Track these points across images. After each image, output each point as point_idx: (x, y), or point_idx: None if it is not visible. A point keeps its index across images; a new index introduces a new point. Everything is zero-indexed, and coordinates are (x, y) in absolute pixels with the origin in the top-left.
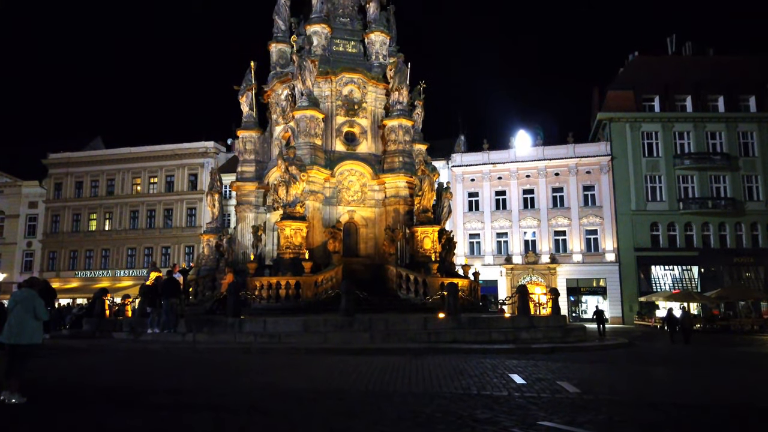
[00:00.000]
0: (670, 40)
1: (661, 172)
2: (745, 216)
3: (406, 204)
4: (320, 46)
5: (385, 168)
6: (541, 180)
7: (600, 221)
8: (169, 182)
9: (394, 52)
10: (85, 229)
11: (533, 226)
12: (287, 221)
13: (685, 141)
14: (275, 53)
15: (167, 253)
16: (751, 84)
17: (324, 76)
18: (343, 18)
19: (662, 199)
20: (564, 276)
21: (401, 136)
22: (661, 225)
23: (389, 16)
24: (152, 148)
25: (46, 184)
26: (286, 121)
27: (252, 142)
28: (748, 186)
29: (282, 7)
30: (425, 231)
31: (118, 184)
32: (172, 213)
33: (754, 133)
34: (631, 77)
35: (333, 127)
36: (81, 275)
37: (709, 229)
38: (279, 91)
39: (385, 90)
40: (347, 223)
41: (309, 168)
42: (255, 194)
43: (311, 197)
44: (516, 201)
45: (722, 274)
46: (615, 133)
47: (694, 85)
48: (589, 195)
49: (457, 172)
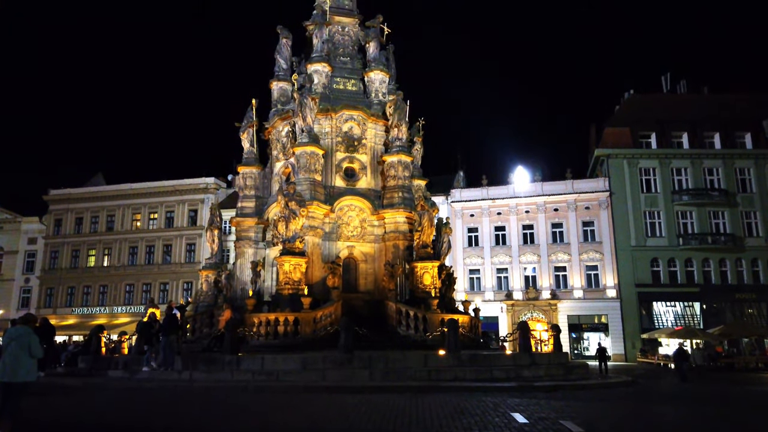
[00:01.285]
0: (664, 78)
1: (660, 208)
2: (745, 252)
3: (405, 239)
4: (321, 84)
5: (385, 203)
6: (541, 215)
7: (600, 257)
8: (169, 218)
9: (394, 90)
10: (84, 265)
11: (533, 262)
12: (286, 257)
13: (683, 177)
14: (276, 91)
15: (165, 289)
16: (747, 121)
17: (324, 113)
18: (343, 57)
19: (662, 235)
20: (565, 312)
21: (400, 171)
22: (661, 261)
23: (388, 55)
24: (153, 184)
25: (46, 220)
26: (287, 157)
27: (252, 178)
28: (747, 222)
29: (283, 46)
30: (425, 266)
31: (117, 220)
32: (171, 249)
33: (751, 170)
34: (628, 114)
35: (333, 163)
36: (78, 312)
37: (710, 265)
38: (280, 128)
39: (385, 127)
40: (347, 258)
41: (309, 203)
42: (254, 230)
43: (311, 233)
44: (516, 236)
45: (724, 310)
46: (613, 169)
47: (690, 122)
48: (588, 230)
49: (457, 208)
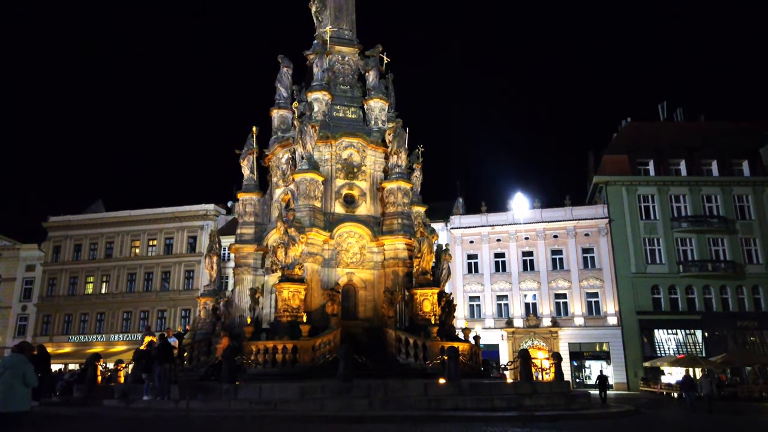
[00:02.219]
0: (661, 106)
1: (659, 235)
2: (746, 279)
3: (405, 266)
4: (321, 112)
5: (384, 230)
6: (540, 242)
7: (600, 284)
8: (168, 245)
9: (393, 118)
10: (82, 293)
11: (533, 289)
12: (285, 283)
13: (681, 204)
14: (277, 119)
15: (163, 316)
16: (744, 149)
17: (324, 140)
18: (343, 86)
19: (662, 262)
20: (566, 340)
21: (400, 198)
22: (662, 288)
23: (388, 84)
24: (152, 210)
25: (44, 247)
26: (287, 184)
27: (252, 205)
28: (746, 249)
29: (284, 75)
30: (424, 293)
31: (116, 247)
32: (170, 276)
33: (749, 197)
34: (625, 142)
35: (332, 190)
36: (74, 340)
37: (711, 293)
38: (280, 155)
39: (384, 154)
40: (346, 285)
41: (308, 230)
42: (254, 256)
43: (310, 259)
44: (515, 263)
45: (726, 338)
46: (612, 196)
47: (688, 150)
48: (588, 257)
49: (456, 234)
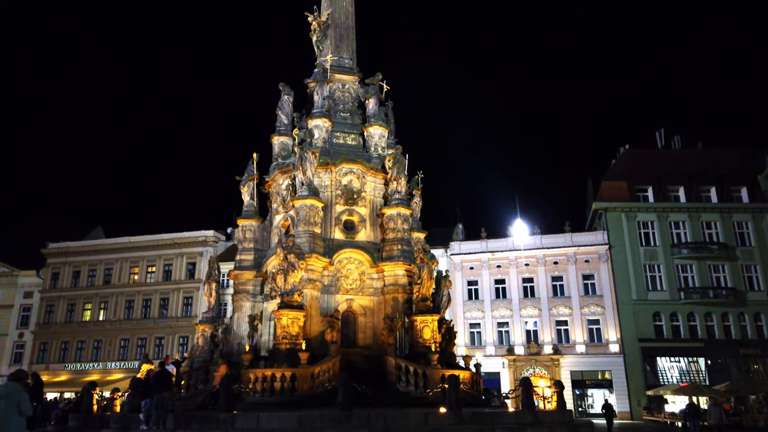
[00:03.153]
0: (659, 133)
1: (660, 261)
2: (748, 306)
3: (405, 292)
4: (321, 138)
5: (384, 256)
6: (541, 269)
7: (601, 311)
8: (167, 271)
9: (393, 144)
10: (79, 320)
11: (534, 316)
12: (284, 310)
13: (681, 231)
14: (277, 145)
15: (161, 344)
16: (742, 175)
17: (324, 166)
18: (343, 113)
19: (663, 289)
20: (568, 368)
21: (400, 224)
22: (663, 315)
23: (387, 111)
24: (152, 237)
25: (43, 274)
26: (286, 210)
27: (252, 231)
28: (747, 276)
29: (285, 102)
30: (425, 320)
31: (115, 274)
32: (168, 302)
33: (749, 223)
34: (624, 169)
35: (332, 216)
36: (71, 368)
37: (713, 320)
38: (280, 181)
39: (384, 180)
40: (345, 312)
41: (308, 256)
42: (253, 283)
43: (309, 285)
44: (516, 290)
45: (729, 366)
46: (611, 223)
47: (686, 177)
48: (588, 284)
49: (456, 261)
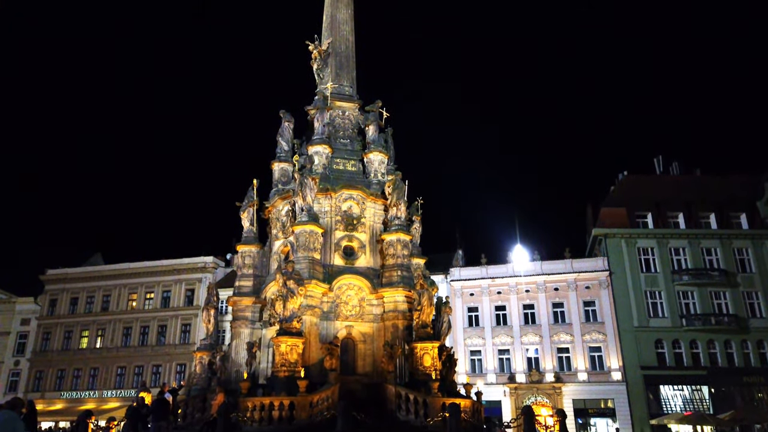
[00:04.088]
0: (657, 160)
1: (661, 288)
2: (750, 333)
3: (404, 319)
4: (321, 164)
5: (384, 282)
6: (541, 295)
7: (603, 338)
8: (166, 298)
9: (392, 171)
10: (76, 347)
11: (535, 343)
12: (283, 337)
13: (681, 257)
14: (277, 171)
15: (158, 372)
16: (741, 202)
17: (324, 192)
18: (343, 139)
19: (664, 315)
20: (570, 396)
21: (399, 250)
22: (665, 342)
23: (387, 137)
24: (150, 263)
25: (41, 300)
26: (286, 236)
27: (251, 257)
28: (749, 302)
29: (285, 129)
30: (425, 347)
31: (113, 300)
32: (166, 330)
33: (749, 250)
34: (623, 195)
35: (332, 242)
36: (67, 396)
37: (715, 347)
38: (280, 207)
39: (384, 206)
40: (345, 338)
41: (307, 282)
42: (251, 309)
43: (308, 312)
44: (516, 316)
45: (733, 394)
46: (611, 249)
47: (685, 203)
48: (589, 310)
49: (456, 287)
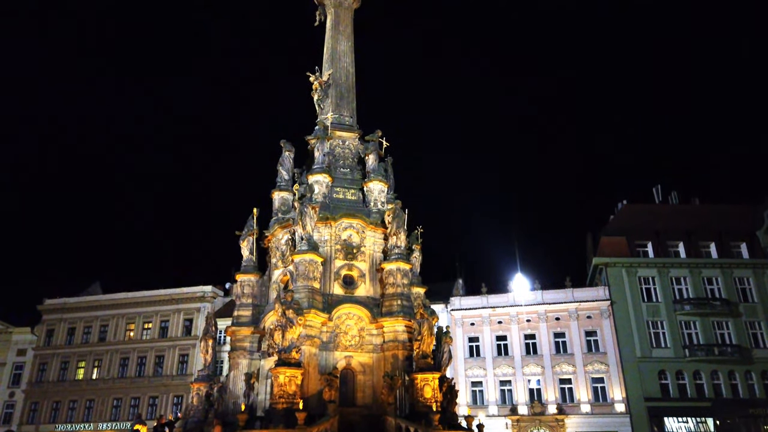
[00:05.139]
0: (656, 189)
1: (663, 318)
2: (755, 364)
3: (405, 349)
4: (321, 193)
5: (384, 311)
6: (542, 325)
7: (605, 368)
8: (164, 327)
9: (392, 199)
10: (72, 378)
11: (537, 374)
12: (282, 368)
13: (683, 286)
14: (278, 200)
15: (155, 403)
16: (741, 231)
17: (324, 221)
18: (343, 168)
19: (667, 346)
20: (573, 428)
21: (399, 279)
22: (669, 373)
23: (387, 166)
24: (149, 292)
25: (37, 331)
26: (285, 265)
27: (250, 286)
28: (752, 332)
29: (286, 159)
30: (425, 378)
31: (111, 330)
32: (164, 360)
33: (750, 279)
34: (623, 224)
35: (332, 271)
36: (62, 428)
37: (719, 378)
38: (280, 236)
39: (384, 234)
40: (344, 369)
41: (306, 311)
42: (250, 339)
43: (307, 342)
44: (518, 346)
45: (739, 426)
46: (612, 278)
47: (685, 232)
48: (591, 340)
49: (457, 316)
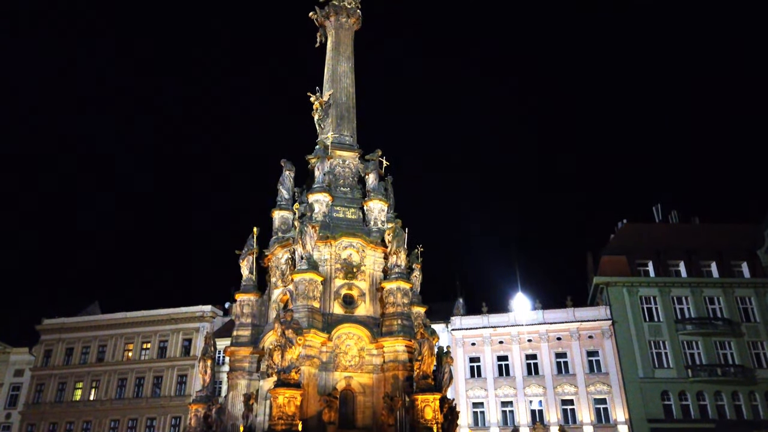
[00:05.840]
0: (656, 208)
1: (665, 338)
2: (758, 385)
3: (405, 369)
4: (321, 212)
5: (384, 331)
6: (544, 344)
7: (608, 389)
8: (162, 348)
9: (392, 218)
10: (70, 399)
11: (539, 394)
12: (281, 388)
13: (684, 306)
14: (278, 219)
15: (152, 425)
16: (741, 251)
17: (324, 240)
18: (343, 187)
19: (669, 366)
20: None
21: (399, 298)
22: (671, 393)
23: (387, 185)
24: (147, 312)
25: (35, 351)
26: (285, 284)
27: (250, 306)
28: (755, 352)
29: (286, 178)
30: (426, 399)
31: (109, 351)
32: (162, 381)
33: (752, 299)
34: (623, 243)
35: (331, 290)
36: None
37: (723, 399)
38: (279, 255)
39: (384, 254)
40: (344, 390)
41: (306, 331)
42: (249, 360)
43: (307, 362)
44: (519, 367)
45: None
46: (613, 298)
47: (686, 251)
48: (593, 361)
49: (457, 336)
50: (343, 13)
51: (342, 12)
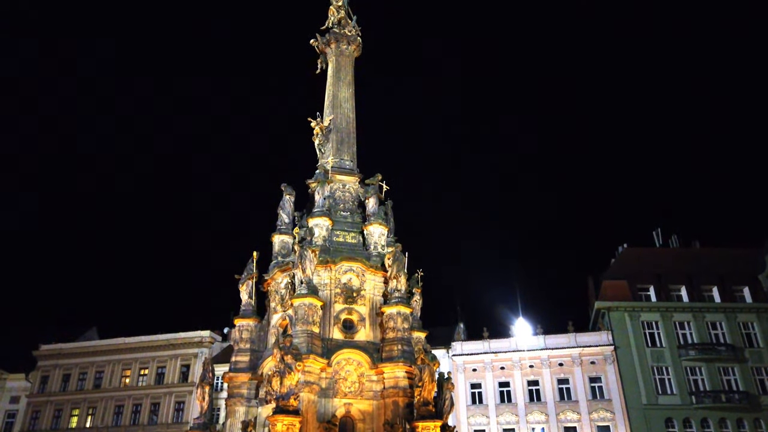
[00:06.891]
0: (656, 233)
1: (668, 363)
2: (763, 411)
3: (405, 396)
4: (321, 237)
5: (384, 357)
6: (546, 371)
7: (611, 416)
8: (160, 374)
9: (392, 243)
10: (66, 426)
11: (541, 422)
12: (279, 416)
13: (687, 331)
14: (278, 244)
15: None
16: (743, 275)
17: (324, 264)
18: (343, 212)
19: (673, 392)
20: None
21: (400, 323)
22: (676, 421)
23: (387, 210)
24: (146, 338)
25: (32, 377)
26: (285, 309)
27: (249, 331)
28: (759, 378)
29: (286, 202)
30: (427, 426)
31: (106, 377)
32: (159, 407)
33: (755, 324)
34: (624, 267)
35: (331, 315)
36: None
37: (728, 426)
38: (279, 280)
39: (384, 278)
40: (343, 417)
41: (305, 357)
42: (248, 386)
43: (306, 389)
44: (521, 393)
45: None
46: (615, 323)
47: (687, 276)
48: (596, 387)
49: (458, 362)
50: (343, 40)
51: (342, 39)
